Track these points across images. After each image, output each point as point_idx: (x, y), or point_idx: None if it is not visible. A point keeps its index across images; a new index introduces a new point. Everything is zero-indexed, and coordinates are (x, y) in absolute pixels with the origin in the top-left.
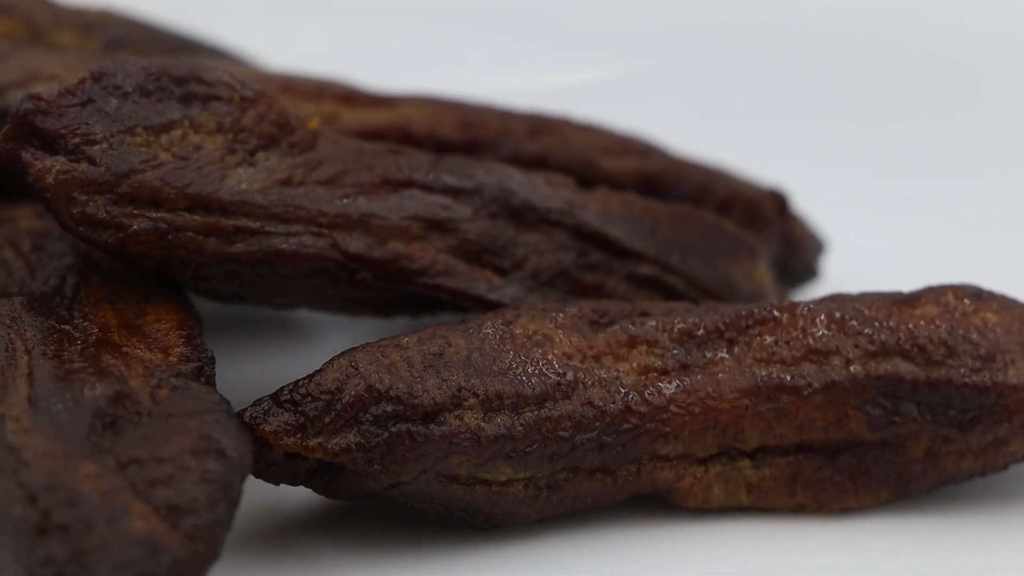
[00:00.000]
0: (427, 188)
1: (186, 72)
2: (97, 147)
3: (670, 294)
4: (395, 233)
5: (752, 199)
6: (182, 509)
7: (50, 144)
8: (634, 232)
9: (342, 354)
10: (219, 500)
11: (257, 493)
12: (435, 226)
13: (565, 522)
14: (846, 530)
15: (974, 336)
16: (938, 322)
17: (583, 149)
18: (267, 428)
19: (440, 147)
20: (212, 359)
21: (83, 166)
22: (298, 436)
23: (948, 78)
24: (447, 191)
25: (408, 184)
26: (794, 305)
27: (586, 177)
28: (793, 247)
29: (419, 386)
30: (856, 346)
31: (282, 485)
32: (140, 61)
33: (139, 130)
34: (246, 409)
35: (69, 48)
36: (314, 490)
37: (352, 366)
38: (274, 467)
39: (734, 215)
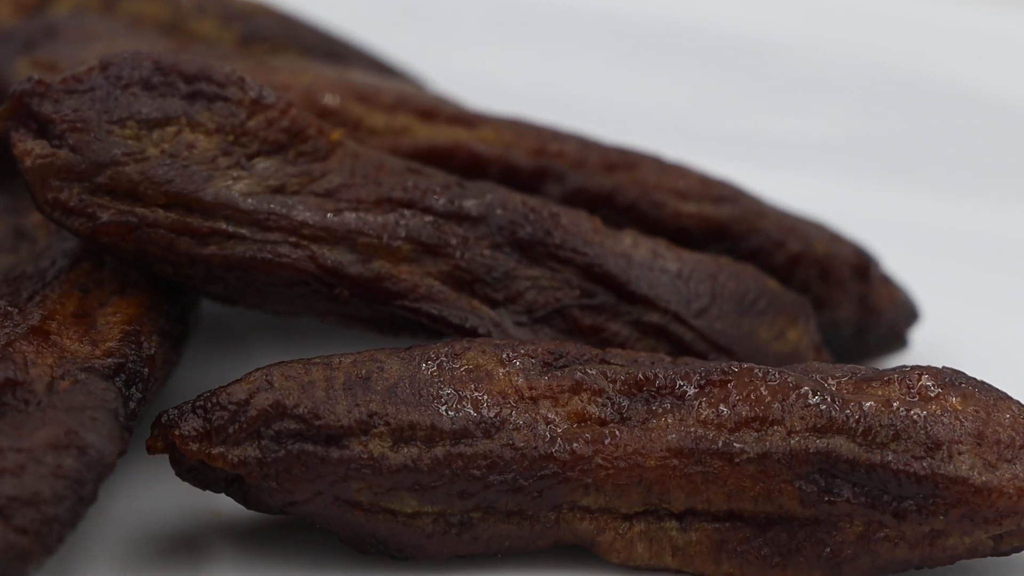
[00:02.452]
0: (429, 211)
1: (197, 69)
2: (81, 135)
3: (678, 345)
4: (383, 252)
5: (826, 258)
6: (21, 501)
7: (44, 127)
8: (648, 278)
9: (265, 366)
10: (64, 497)
11: (207, 497)
12: (429, 250)
13: (490, 563)
14: None
15: (927, 422)
16: (894, 404)
17: (655, 189)
18: (177, 432)
19: (508, 172)
20: (149, 359)
21: (63, 153)
22: (203, 443)
23: None
24: (451, 216)
25: (410, 205)
26: (751, 369)
27: (651, 218)
28: (873, 312)
29: (327, 407)
30: (802, 418)
31: None
32: (154, 54)
33: (130, 123)
34: (167, 410)
35: (208, 37)
36: (234, 499)
37: (267, 379)
38: (193, 472)
39: (803, 273)
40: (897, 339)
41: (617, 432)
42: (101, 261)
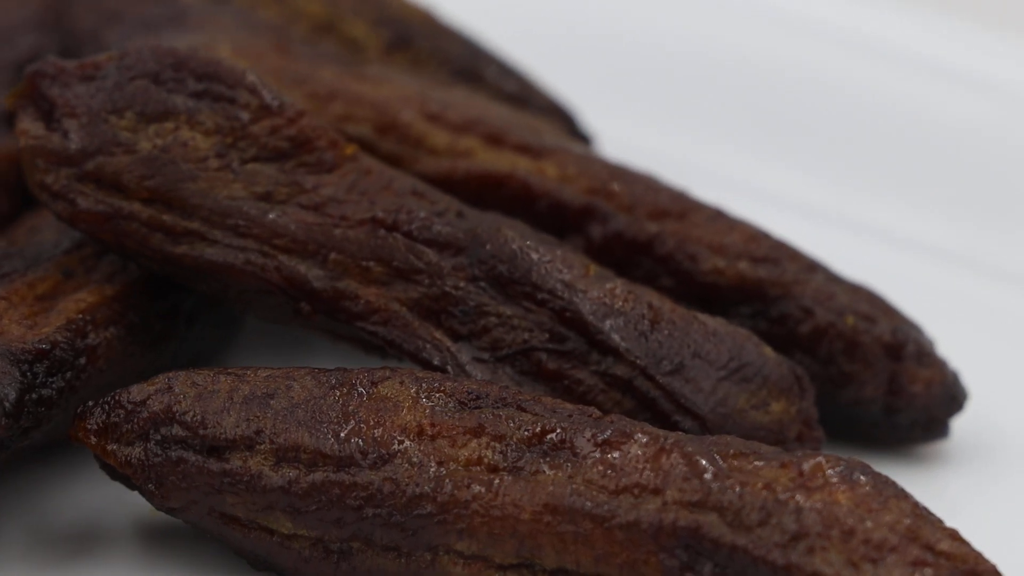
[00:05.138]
0: (411, 236)
1: (211, 69)
2: (76, 122)
3: (643, 402)
4: (353, 272)
5: (854, 332)
6: None
7: (50, 109)
8: (625, 329)
9: (176, 370)
10: None
11: None
12: (401, 274)
13: None
14: None
15: (800, 511)
16: (776, 488)
17: (695, 242)
18: (83, 424)
19: (555, 208)
20: (88, 349)
21: (56, 137)
22: (101, 439)
23: None
24: (432, 243)
25: (393, 227)
26: (650, 432)
27: (684, 271)
28: (902, 394)
29: (216, 418)
30: (680, 490)
31: None
32: (173, 49)
33: (129, 114)
34: (87, 402)
35: (357, 40)
36: (144, 498)
37: (168, 384)
38: (108, 466)
39: (829, 346)
40: (936, 425)
41: (502, 481)
42: (106, 248)
